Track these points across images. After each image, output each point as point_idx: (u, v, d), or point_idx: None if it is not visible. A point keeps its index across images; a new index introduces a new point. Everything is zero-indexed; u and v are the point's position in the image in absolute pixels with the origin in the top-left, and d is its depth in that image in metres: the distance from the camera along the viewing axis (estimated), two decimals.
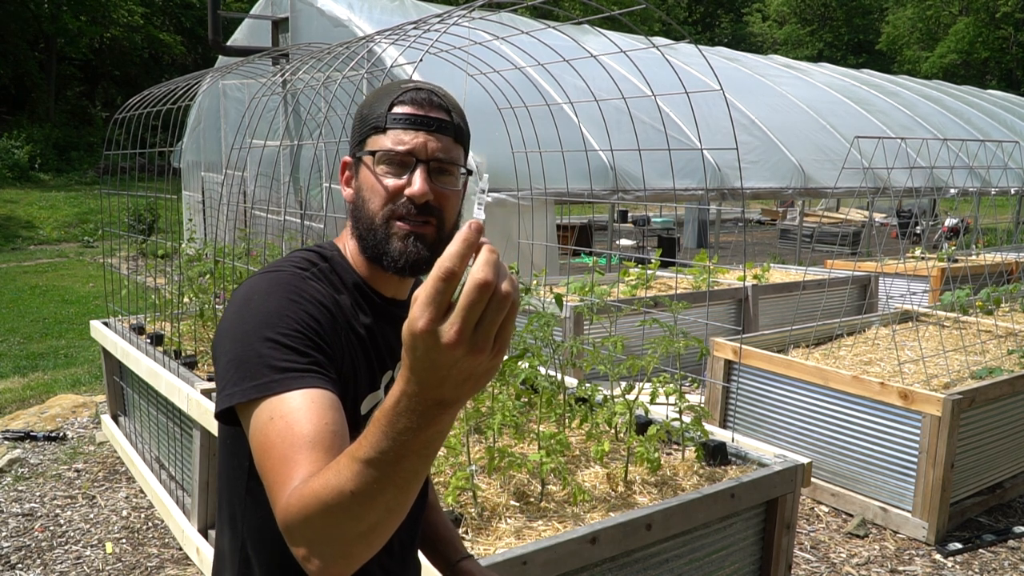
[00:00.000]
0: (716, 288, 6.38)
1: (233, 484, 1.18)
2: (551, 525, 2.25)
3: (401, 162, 1.12)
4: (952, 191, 10.96)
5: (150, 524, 3.82)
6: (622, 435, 2.90)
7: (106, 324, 4.68)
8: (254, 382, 0.99)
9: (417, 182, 1.11)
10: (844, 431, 3.98)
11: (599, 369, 2.98)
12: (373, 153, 1.13)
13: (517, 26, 4.83)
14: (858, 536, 3.77)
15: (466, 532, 2.20)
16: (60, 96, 28.67)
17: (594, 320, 4.30)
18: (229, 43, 10.41)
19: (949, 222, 15.22)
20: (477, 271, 0.70)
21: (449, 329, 0.70)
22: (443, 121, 1.13)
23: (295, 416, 0.95)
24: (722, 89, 3.04)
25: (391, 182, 1.12)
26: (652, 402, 2.88)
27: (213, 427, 3.09)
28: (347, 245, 1.21)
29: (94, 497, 4.12)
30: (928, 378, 4.08)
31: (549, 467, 2.44)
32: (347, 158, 1.19)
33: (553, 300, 3.32)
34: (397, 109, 1.13)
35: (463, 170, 1.16)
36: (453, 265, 0.70)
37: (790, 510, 2.63)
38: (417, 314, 0.70)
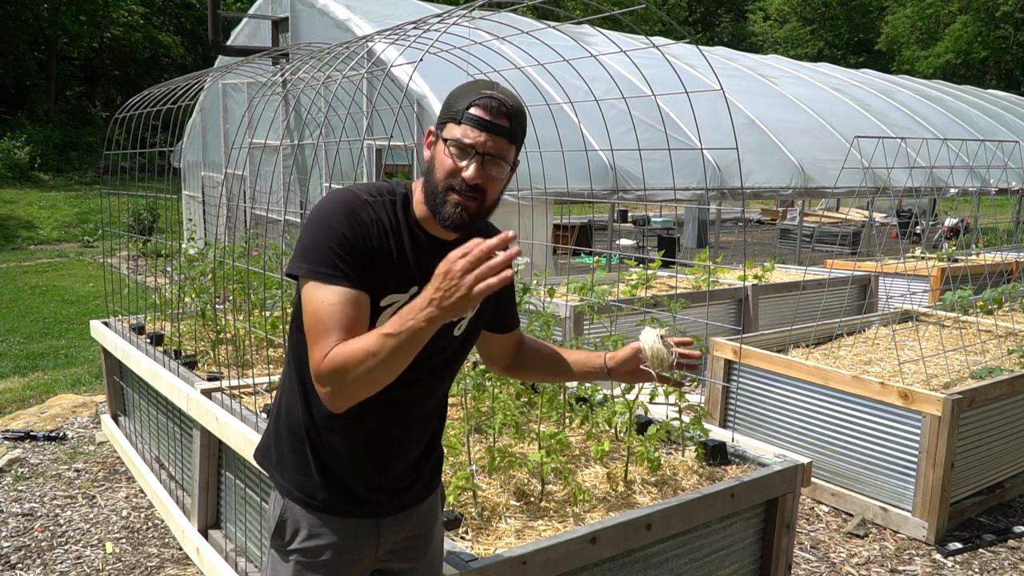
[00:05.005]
0: (716, 288, 6.38)
1: (292, 329, 1.64)
2: (551, 525, 2.25)
3: (465, 150, 1.46)
4: (952, 191, 10.96)
5: (150, 524, 3.82)
6: (622, 435, 2.90)
7: (106, 324, 4.68)
8: (310, 266, 1.45)
9: (471, 169, 1.46)
10: (844, 431, 3.98)
11: None
12: (447, 140, 1.48)
13: (517, 26, 4.83)
14: (858, 536, 3.77)
15: (466, 532, 2.20)
16: (60, 96, 28.66)
17: (594, 320, 4.30)
18: (229, 43, 10.42)
19: (949, 222, 15.22)
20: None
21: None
22: (503, 127, 1.47)
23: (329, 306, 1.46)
24: (722, 89, 3.04)
25: (455, 163, 1.47)
26: (652, 402, 2.88)
27: (213, 427, 3.09)
28: (417, 189, 1.57)
29: (94, 497, 4.13)
30: (928, 378, 4.08)
31: (549, 467, 2.44)
32: (432, 128, 1.54)
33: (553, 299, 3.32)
34: (472, 111, 1.46)
35: (510, 165, 1.52)
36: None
37: (790, 510, 2.63)
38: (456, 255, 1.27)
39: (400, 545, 1.72)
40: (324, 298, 1.42)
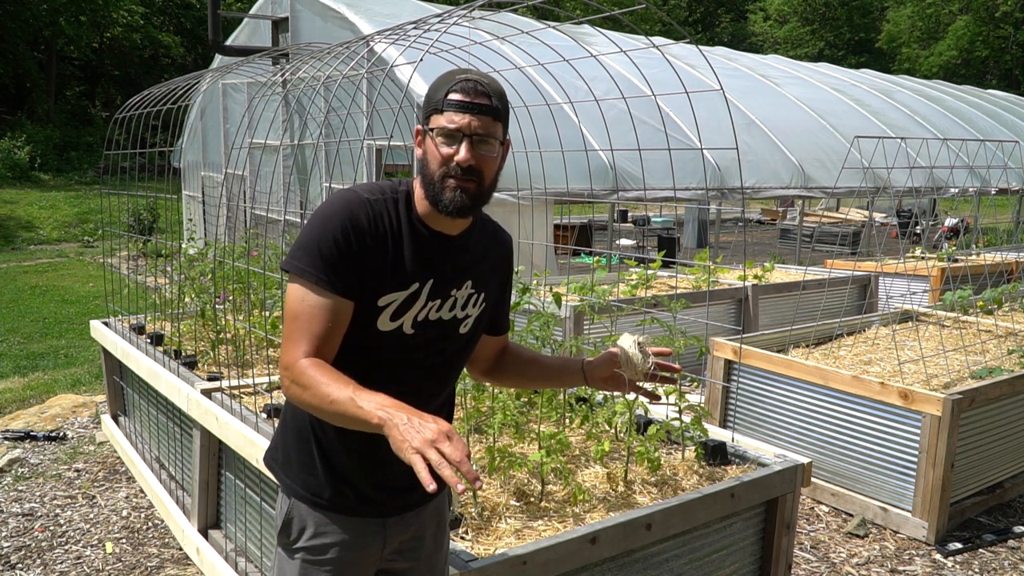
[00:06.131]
0: (716, 288, 6.38)
1: None
2: (551, 525, 2.25)
3: (452, 135, 1.48)
4: (952, 191, 10.96)
5: (150, 524, 3.82)
6: (622, 435, 2.90)
7: (106, 324, 4.68)
8: (300, 264, 1.48)
9: (463, 151, 1.47)
10: (844, 431, 3.98)
11: None
12: (433, 129, 1.49)
13: (517, 26, 4.83)
14: (858, 536, 3.77)
15: (466, 532, 2.20)
16: (60, 96, 28.66)
17: (595, 320, 4.30)
18: (229, 43, 10.42)
19: (949, 222, 15.22)
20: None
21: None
22: (484, 105, 1.48)
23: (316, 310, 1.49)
24: (722, 89, 3.04)
25: (445, 150, 1.48)
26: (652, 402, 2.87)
27: (213, 427, 3.09)
28: (415, 187, 1.58)
29: (94, 497, 4.13)
30: (928, 378, 4.08)
31: (549, 467, 2.44)
32: (419, 127, 1.56)
33: (552, 300, 3.32)
34: (451, 96, 1.48)
35: (499, 142, 1.52)
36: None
37: (790, 510, 2.63)
38: (433, 436, 1.23)
39: (406, 545, 1.72)
40: (304, 298, 1.48)
